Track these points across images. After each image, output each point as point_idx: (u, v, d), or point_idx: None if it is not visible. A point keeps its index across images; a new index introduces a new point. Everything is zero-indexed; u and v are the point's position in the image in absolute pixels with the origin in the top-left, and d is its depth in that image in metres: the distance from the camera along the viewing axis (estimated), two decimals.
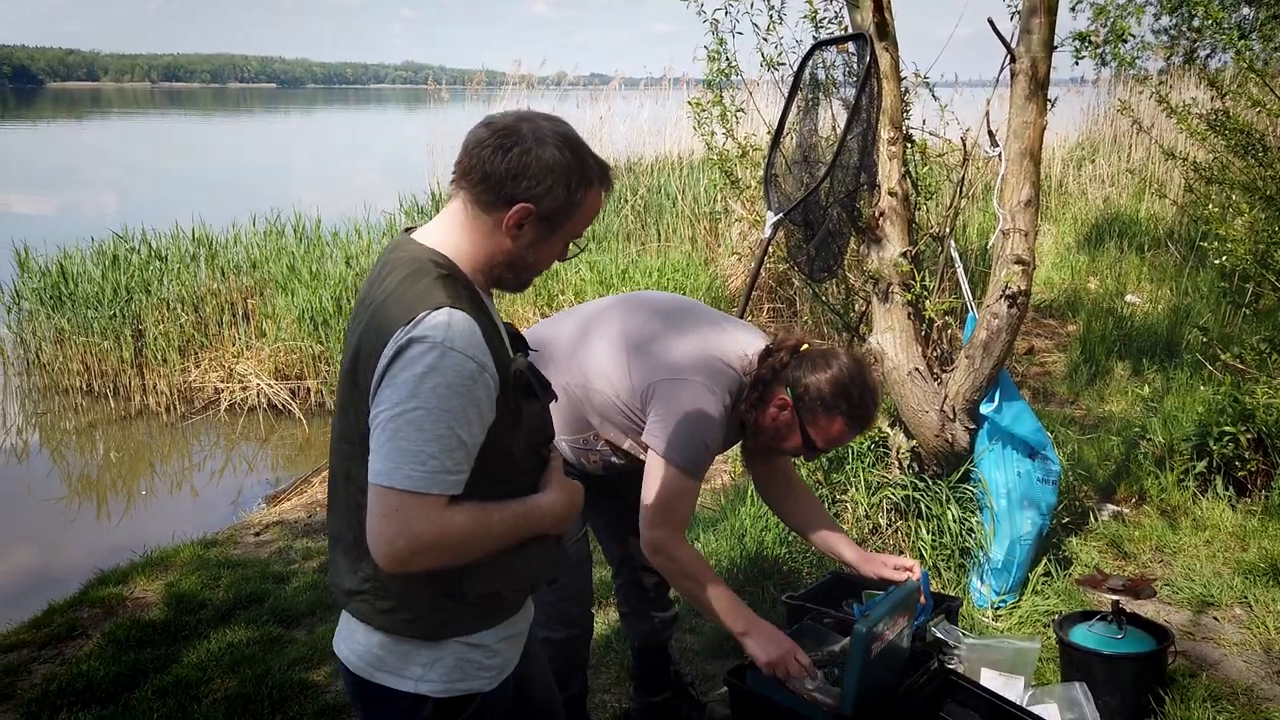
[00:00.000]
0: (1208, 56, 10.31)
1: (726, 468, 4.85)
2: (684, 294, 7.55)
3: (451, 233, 1.54)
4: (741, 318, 3.42)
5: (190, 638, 3.53)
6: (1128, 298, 7.43)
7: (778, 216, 3.32)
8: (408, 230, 1.61)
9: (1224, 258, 4.45)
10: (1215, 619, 3.38)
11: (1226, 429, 4.17)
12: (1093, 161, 11.00)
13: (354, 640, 1.58)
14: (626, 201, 10.15)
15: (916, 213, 3.46)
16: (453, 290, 1.47)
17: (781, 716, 2.33)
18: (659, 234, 9.91)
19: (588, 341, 2.34)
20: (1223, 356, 4.39)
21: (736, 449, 2.45)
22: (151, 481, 6.65)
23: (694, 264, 8.42)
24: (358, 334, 1.51)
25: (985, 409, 3.37)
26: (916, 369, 3.37)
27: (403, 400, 1.39)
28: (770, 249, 3.62)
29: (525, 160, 1.46)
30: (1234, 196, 4.86)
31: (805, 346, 2.28)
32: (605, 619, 3.43)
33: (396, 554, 1.40)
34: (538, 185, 1.47)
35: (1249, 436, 4.15)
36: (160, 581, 4.08)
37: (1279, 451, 4.21)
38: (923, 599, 2.54)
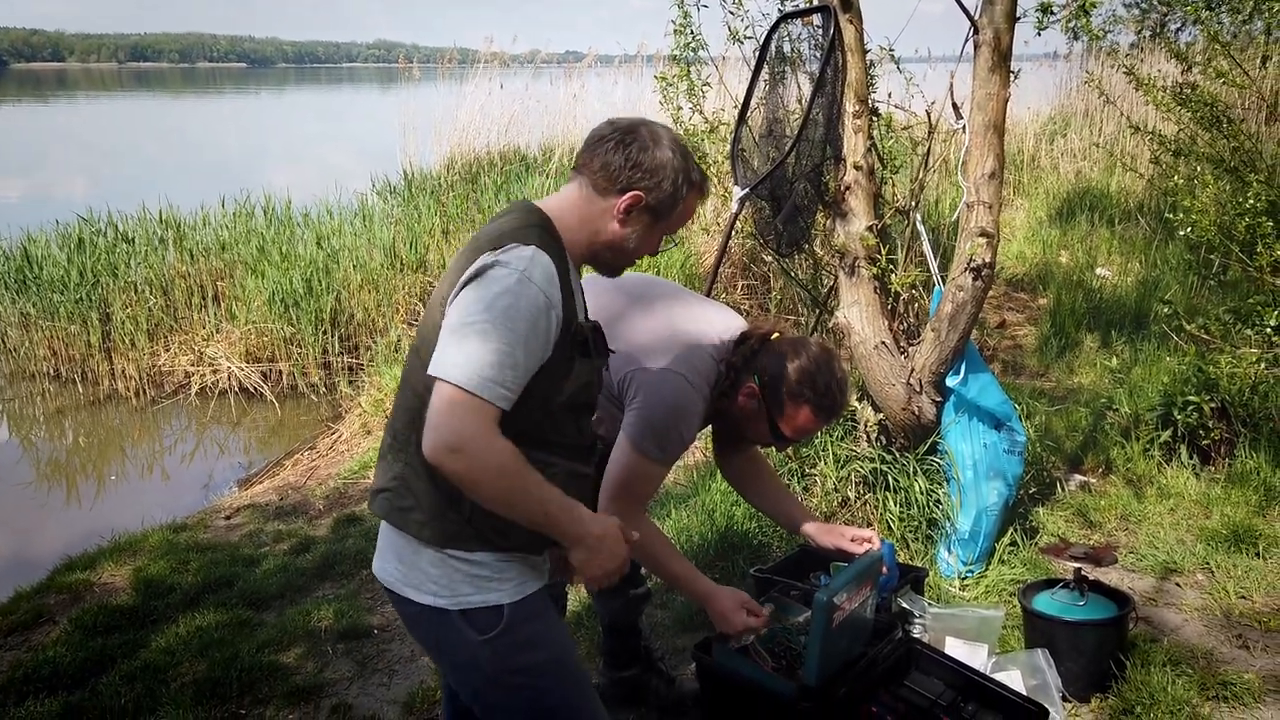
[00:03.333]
0: (1178, 30, 10.34)
1: (699, 444, 4.85)
2: (658, 273, 7.58)
3: (564, 206, 1.74)
4: (709, 294, 3.42)
5: (159, 622, 3.51)
6: (1098, 271, 7.48)
7: (744, 192, 3.31)
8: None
9: (1189, 229, 4.49)
10: (1177, 585, 3.44)
11: (1191, 399, 4.22)
12: (1064, 136, 11.03)
13: (384, 559, 1.76)
14: None
15: (882, 187, 3.46)
16: (545, 240, 1.65)
17: (747, 689, 2.35)
18: None
19: None
20: (1188, 328, 4.42)
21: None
22: (122, 466, 6.59)
23: (668, 242, 8.39)
24: (460, 264, 1.66)
25: (951, 381, 3.38)
26: (883, 343, 3.38)
27: (475, 311, 1.54)
28: (738, 225, 3.61)
29: (642, 156, 1.69)
30: (1200, 169, 4.89)
31: (776, 335, 2.27)
32: (575, 594, 3.44)
33: (440, 441, 1.50)
34: (650, 179, 1.70)
35: (1213, 406, 4.21)
36: (129, 566, 4.06)
37: (1242, 420, 4.26)
38: (885, 570, 2.56)
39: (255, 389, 7.45)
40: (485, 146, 11.37)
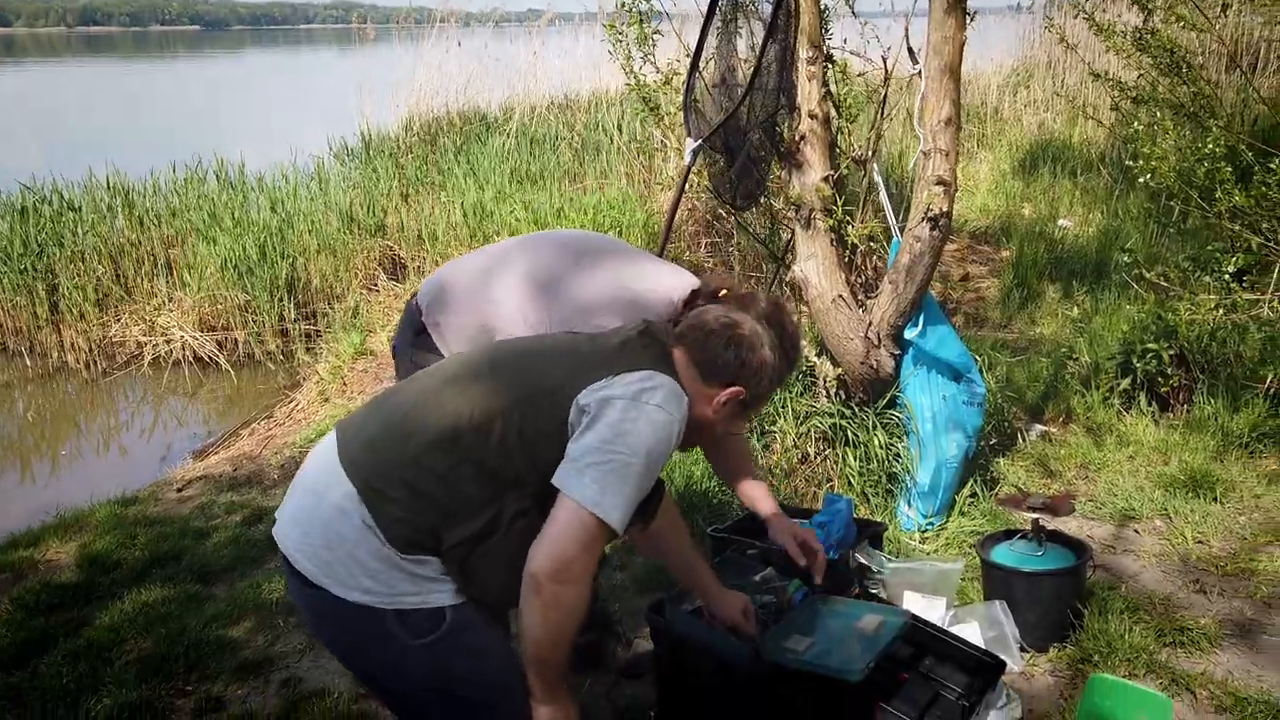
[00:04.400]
0: None
1: None
2: (620, 232, 7.47)
3: (679, 373, 1.78)
4: (661, 253, 3.33)
5: (104, 599, 3.41)
6: (1060, 222, 7.46)
7: (696, 144, 3.22)
8: None
9: (1149, 176, 4.45)
10: (1136, 531, 3.44)
11: (1150, 346, 4.21)
12: (1027, 87, 10.96)
13: (306, 532, 1.66)
14: (563, 139, 9.93)
15: (838, 136, 3.38)
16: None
17: (701, 653, 2.30)
18: (598, 172, 9.71)
19: (490, 281, 2.23)
20: (1148, 276, 4.41)
21: None
22: (76, 442, 6.44)
23: (630, 200, 8.27)
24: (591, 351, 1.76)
25: (910, 334, 3.33)
26: (840, 296, 3.32)
27: (635, 449, 1.60)
28: (693, 179, 3.52)
29: (749, 356, 1.79)
30: (1160, 115, 4.85)
31: (724, 292, 2.19)
32: None
33: (556, 562, 1.55)
34: (754, 378, 1.81)
35: (1171, 353, 4.20)
36: (74, 543, 3.94)
37: (1200, 366, 4.26)
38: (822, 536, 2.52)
39: (210, 358, 7.29)
40: (444, 107, 11.14)
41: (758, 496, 2.49)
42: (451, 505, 1.61)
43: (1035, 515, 2.75)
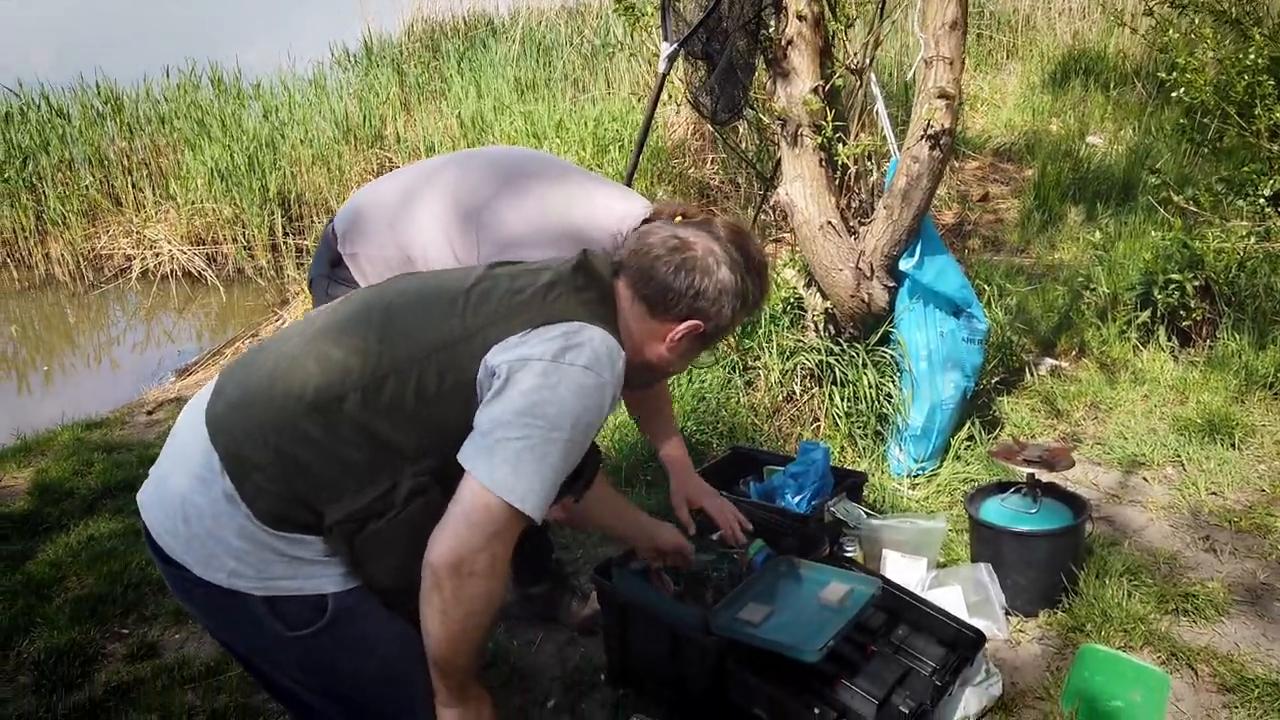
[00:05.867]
0: None
1: None
2: (621, 147, 7.10)
3: (620, 312, 1.54)
4: (631, 175, 3.04)
5: (51, 530, 3.27)
6: (1089, 139, 7.05)
7: (671, 48, 2.89)
8: None
9: (1183, 90, 4.08)
10: (1145, 480, 3.19)
11: (1174, 276, 3.90)
12: None
13: (164, 498, 1.44)
14: (572, 46, 9.48)
15: (832, 41, 3.03)
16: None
17: (648, 616, 2.11)
18: (606, 81, 9.27)
19: (411, 206, 1.96)
20: (1176, 199, 4.07)
21: None
22: (70, 356, 6.30)
23: (634, 112, 7.87)
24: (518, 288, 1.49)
25: (905, 265, 3.04)
26: (829, 222, 3.02)
27: (556, 421, 1.34)
28: (668, 90, 3.20)
29: (705, 282, 1.52)
30: (1198, 22, 4.45)
31: (678, 219, 1.91)
32: None
33: (459, 553, 1.30)
34: (712, 307, 1.54)
35: (1196, 284, 3.89)
36: (32, 468, 3.80)
37: (1226, 299, 3.96)
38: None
39: (199, 273, 7.09)
40: (449, 10, 10.73)
41: (671, 452, 2.24)
42: (329, 476, 1.36)
43: (1031, 470, 2.51)
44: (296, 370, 1.41)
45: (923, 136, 2.79)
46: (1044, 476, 2.55)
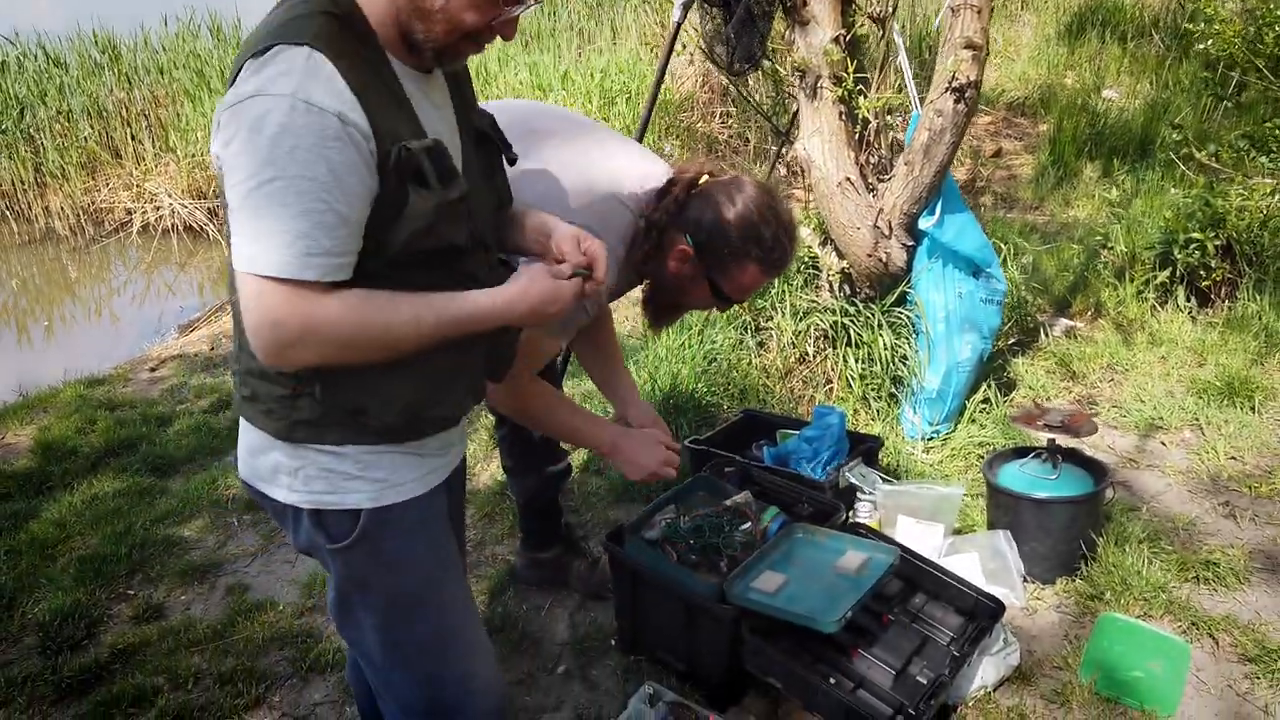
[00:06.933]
0: None
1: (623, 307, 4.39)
2: (629, 100, 6.96)
3: None
4: (643, 131, 2.95)
5: (55, 489, 3.23)
6: (1105, 93, 6.89)
7: None
8: None
9: (1209, 43, 3.96)
10: (1163, 444, 3.14)
11: (1194, 235, 3.82)
12: None
13: (241, 447, 1.45)
14: None
15: None
16: (327, 31, 1.21)
17: (660, 584, 2.07)
18: (613, 30, 9.07)
19: None
20: (1198, 155, 3.97)
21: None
22: (63, 311, 6.24)
23: (641, 64, 7.71)
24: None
25: (924, 223, 2.97)
26: (848, 179, 2.94)
27: (254, 170, 1.15)
28: (682, 40, 3.09)
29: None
30: None
31: (704, 179, 1.83)
32: (488, 469, 3.17)
33: (266, 346, 1.21)
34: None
35: (1217, 243, 3.81)
36: (35, 425, 3.76)
37: (1248, 259, 3.88)
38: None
39: (200, 227, 7.01)
40: None
41: (621, 402, 2.06)
42: (237, 333, 1.35)
43: (1051, 435, 2.45)
44: None
45: (948, 89, 2.70)
46: (1066, 442, 2.49)
